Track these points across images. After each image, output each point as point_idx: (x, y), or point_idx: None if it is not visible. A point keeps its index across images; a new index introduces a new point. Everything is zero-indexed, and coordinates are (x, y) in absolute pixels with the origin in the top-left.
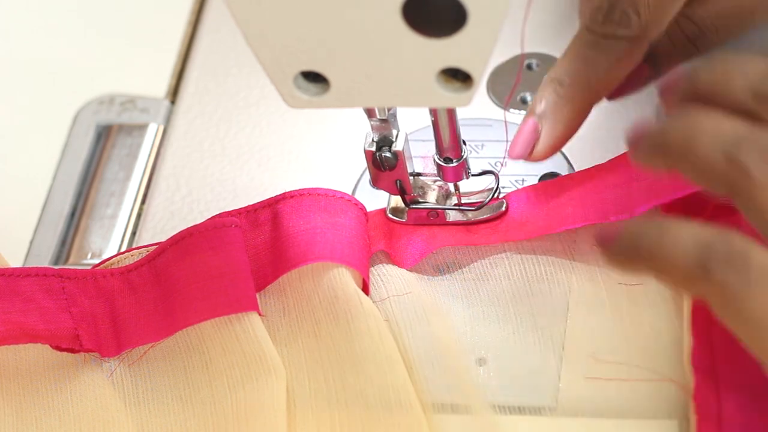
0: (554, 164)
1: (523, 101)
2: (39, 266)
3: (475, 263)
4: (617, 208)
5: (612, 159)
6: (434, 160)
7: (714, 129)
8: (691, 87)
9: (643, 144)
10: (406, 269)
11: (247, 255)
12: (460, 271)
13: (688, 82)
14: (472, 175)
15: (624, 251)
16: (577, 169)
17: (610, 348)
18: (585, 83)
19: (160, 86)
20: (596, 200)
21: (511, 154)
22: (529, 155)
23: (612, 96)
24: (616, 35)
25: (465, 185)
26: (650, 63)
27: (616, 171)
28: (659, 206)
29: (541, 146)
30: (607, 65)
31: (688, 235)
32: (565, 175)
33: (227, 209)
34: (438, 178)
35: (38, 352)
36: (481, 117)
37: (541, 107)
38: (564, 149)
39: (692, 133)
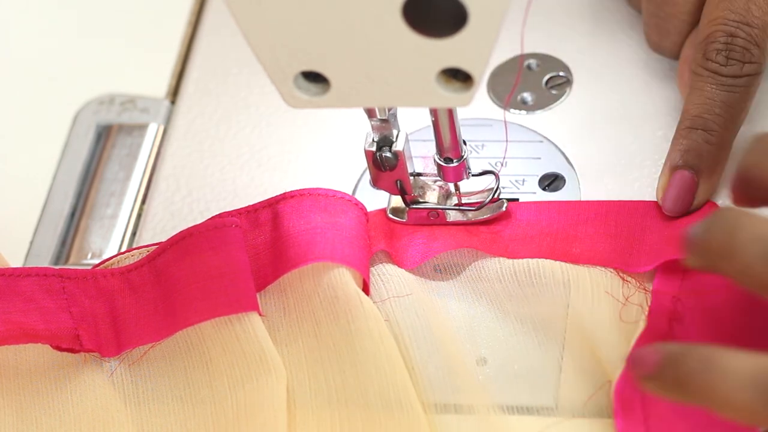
0: (555, 164)
1: (523, 101)
2: (39, 266)
3: (475, 264)
4: (623, 261)
5: (629, 202)
6: (434, 160)
7: (754, 234)
8: (745, 175)
9: (687, 246)
10: (407, 270)
11: (248, 255)
12: (460, 271)
13: (743, 169)
14: (473, 175)
15: (667, 383)
16: (577, 169)
17: (609, 348)
18: (731, 127)
19: (160, 86)
20: (606, 248)
21: (673, 212)
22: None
23: None
24: (745, 74)
25: (465, 185)
26: None
27: (632, 218)
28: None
29: (703, 197)
30: (744, 105)
31: (738, 367)
32: (581, 204)
33: (227, 209)
34: (438, 178)
35: (38, 352)
36: (481, 117)
37: (692, 159)
38: (564, 149)
39: (732, 239)
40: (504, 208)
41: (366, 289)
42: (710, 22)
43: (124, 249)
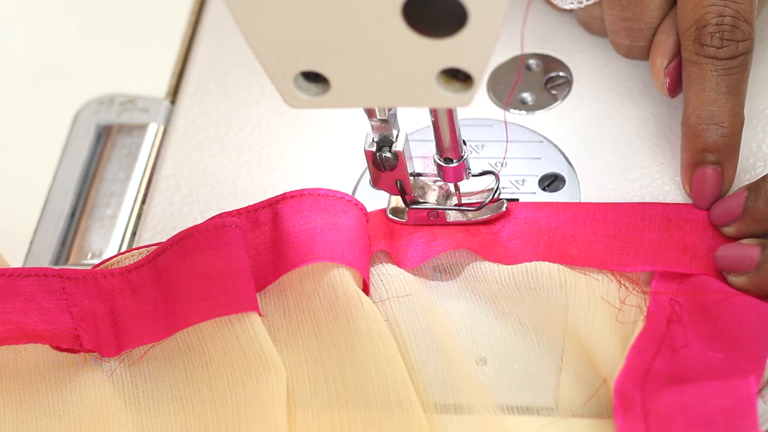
0: (555, 164)
1: (523, 101)
2: (39, 266)
3: (475, 264)
4: (620, 261)
5: (627, 203)
6: (434, 160)
7: None
8: None
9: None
10: (407, 270)
11: (248, 255)
12: (459, 272)
13: None
14: (473, 176)
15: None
16: (576, 169)
17: (607, 350)
18: (739, 111)
19: (160, 86)
20: (602, 249)
21: (705, 206)
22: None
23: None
24: (741, 52)
25: (465, 185)
26: None
27: (630, 218)
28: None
29: (728, 185)
30: (745, 83)
31: None
32: (579, 204)
33: (227, 209)
34: (438, 179)
35: (38, 352)
36: (481, 117)
37: (710, 155)
38: (564, 149)
39: None
40: (504, 209)
41: (366, 289)
42: (696, 6)
43: (124, 249)
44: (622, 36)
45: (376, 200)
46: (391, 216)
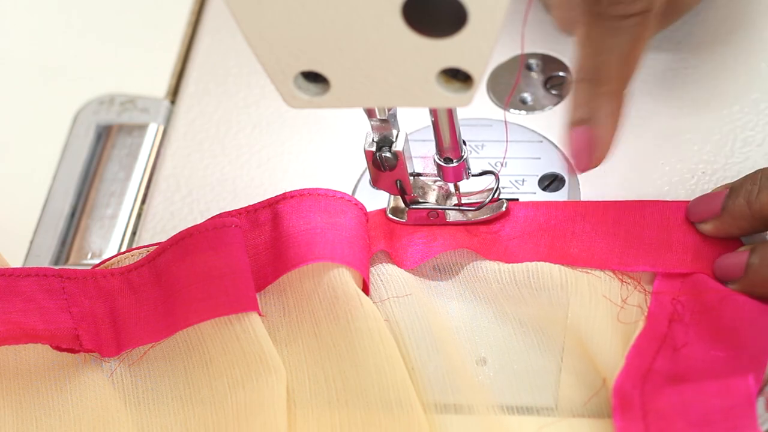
0: (555, 164)
1: (523, 101)
2: (39, 266)
3: (475, 264)
4: (620, 260)
5: (626, 202)
6: (434, 160)
7: None
8: None
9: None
10: (406, 270)
11: (248, 255)
12: (459, 271)
13: None
14: (472, 176)
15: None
16: (576, 168)
17: (607, 350)
18: (619, 73)
19: (160, 86)
20: (603, 247)
21: (580, 168)
22: (594, 162)
23: None
24: (631, 13)
25: (465, 185)
26: None
27: (630, 216)
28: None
29: (604, 148)
30: (632, 47)
31: None
32: (579, 202)
33: (227, 209)
34: (438, 179)
35: (38, 352)
36: (481, 117)
37: (584, 112)
38: (565, 150)
39: None
40: (504, 208)
41: (366, 289)
42: None
43: (124, 249)
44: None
45: (376, 200)
46: (391, 216)
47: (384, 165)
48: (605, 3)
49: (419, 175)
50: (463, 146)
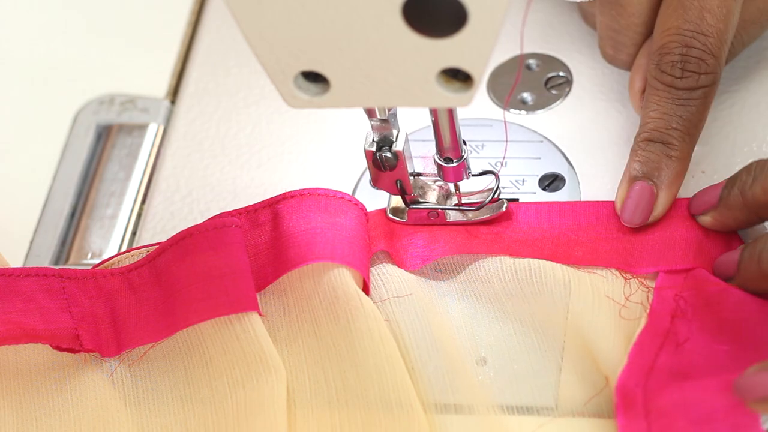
0: (555, 165)
1: (523, 101)
2: (39, 266)
3: (475, 264)
4: (625, 261)
5: None
6: (434, 160)
7: None
8: None
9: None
10: (407, 270)
11: (248, 255)
12: (459, 271)
13: None
14: (473, 175)
15: None
16: (577, 169)
17: (609, 349)
18: (689, 141)
19: (160, 86)
20: (607, 250)
21: (631, 222)
22: (647, 220)
23: None
24: (701, 85)
25: (465, 185)
26: None
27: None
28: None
29: (662, 209)
30: (702, 116)
31: None
32: (581, 204)
33: (227, 209)
34: (438, 178)
35: (38, 352)
36: (481, 117)
37: (648, 170)
38: (565, 150)
39: None
40: (504, 208)
41: (366, 289)
42: (664, 32)
43: (124, 249)
44: (607, 44)
45: (376, 200)
46: (391, 216)
47: (384, 165)
48: (675, 72)
49: (419, 175)
50: (464, 146)
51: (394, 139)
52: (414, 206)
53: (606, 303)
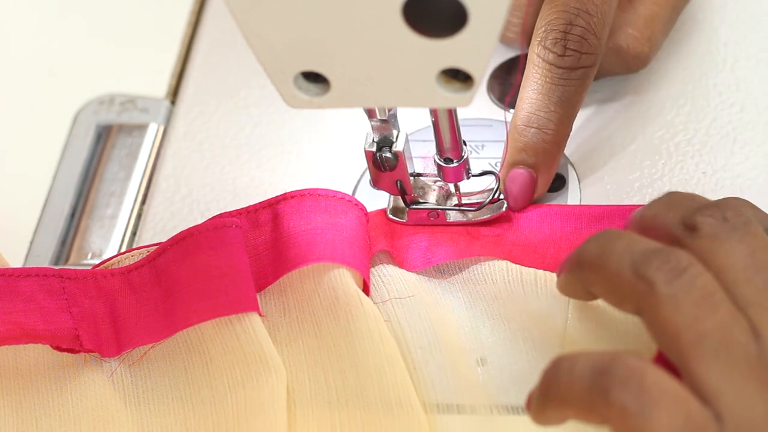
0: None
1: None
2: (39, 266)
3: (476, 264)
4: None
5: (629, 206)
6: (435, 160)
7: (626, 246)
8: (639, 221)
9: (563, 263)
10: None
11: (248, 255)
12: (460, 271)
13: (638, 216)
14: (473, 176)
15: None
16: (577, 168)
17: (608, 348)
18: (566, 122)
19: (160, 86)
20: None
21: (517, 207)
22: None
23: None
24: (582, 65)
25: (465, 185)
26: None
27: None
28: None
29: (541, 191)
30: (580, 97)
31: (583, 363)
32: (582, 208)
33: (227, 209)
34: (438, 179)
35: (38, 353)
36: (481, 117)
37: (528, 157)
38: (566, 151)
39: (605, 250)
40: (504, 209)
41: (366, 289)
42: (550, 9)
43: (124, 249)
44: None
45: (376, 200)
46: (391, 216)
47: (384, 165)
48: (557, 50)
49: (419, 175)
50: (464, 146)
51: (394, 140)
52: (414, 206)
53: (606, 303)
